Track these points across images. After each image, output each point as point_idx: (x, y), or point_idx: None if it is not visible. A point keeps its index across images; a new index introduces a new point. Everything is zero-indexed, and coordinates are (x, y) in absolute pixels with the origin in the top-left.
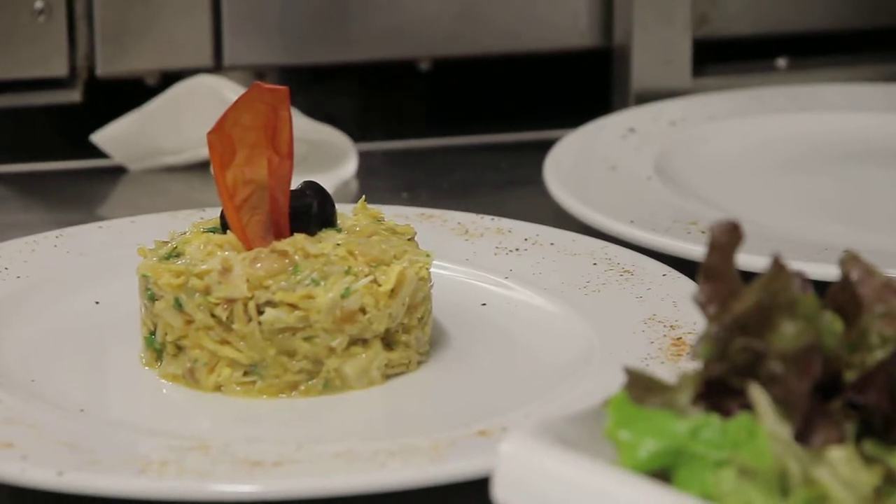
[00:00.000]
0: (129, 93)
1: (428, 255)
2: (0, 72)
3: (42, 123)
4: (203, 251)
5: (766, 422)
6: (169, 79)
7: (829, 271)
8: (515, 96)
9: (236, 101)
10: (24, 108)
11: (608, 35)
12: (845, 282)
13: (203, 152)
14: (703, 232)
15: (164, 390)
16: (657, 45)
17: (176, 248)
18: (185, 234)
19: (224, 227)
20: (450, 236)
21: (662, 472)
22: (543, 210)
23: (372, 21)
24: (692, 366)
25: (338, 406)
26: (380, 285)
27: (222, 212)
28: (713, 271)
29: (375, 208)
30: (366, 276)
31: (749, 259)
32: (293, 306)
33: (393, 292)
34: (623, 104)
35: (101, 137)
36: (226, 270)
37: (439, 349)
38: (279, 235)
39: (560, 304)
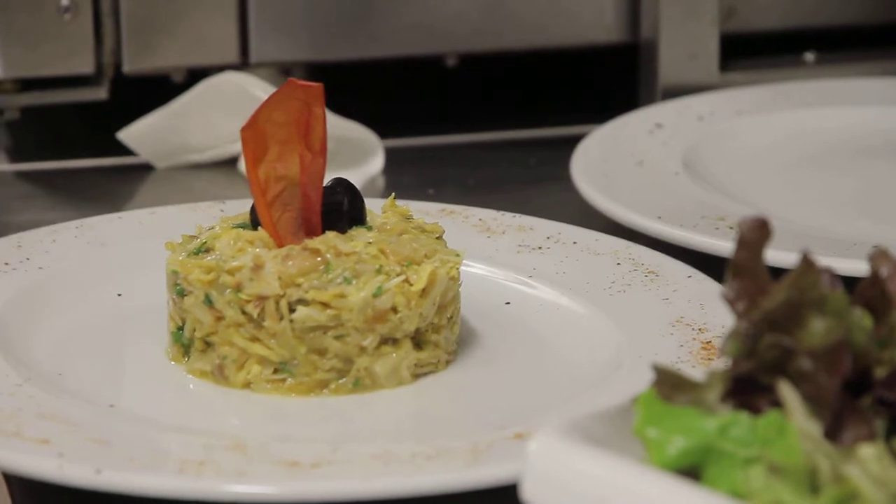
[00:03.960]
0: (156, 90)
1: (458, 255)
2: (26, 69)
3: (68, 121)
4: (233, 247)
5: (795, 419)
6: (195, 76)
7: (858, 267)
8: (542, 92)
9: (270, 97)
10: (51, 106)
11: (635, 30)
12: (875, 278)
13: (230, 149)
14: (731, 228)
15: (192, 386)
16: (684, 40)
17: (205, 243)
18: (213, 229)
19: (255, 223)
20: (472, 233)
21: (691, 470)
22: (570, 206)
23: (398, 17)
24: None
25: (368, 405)
26: (411, 284)
27: (253, 207)
28: (742, 268)
29: (403, 205)
30: (397, 275)
31: (778, 255)
32: (325, 305)
33: (424, 292)
34: (650, 99)
35: (128, 135)
36: (257, 267)
37: (466, 348)
38: (311, 233)
39: (586, 304)
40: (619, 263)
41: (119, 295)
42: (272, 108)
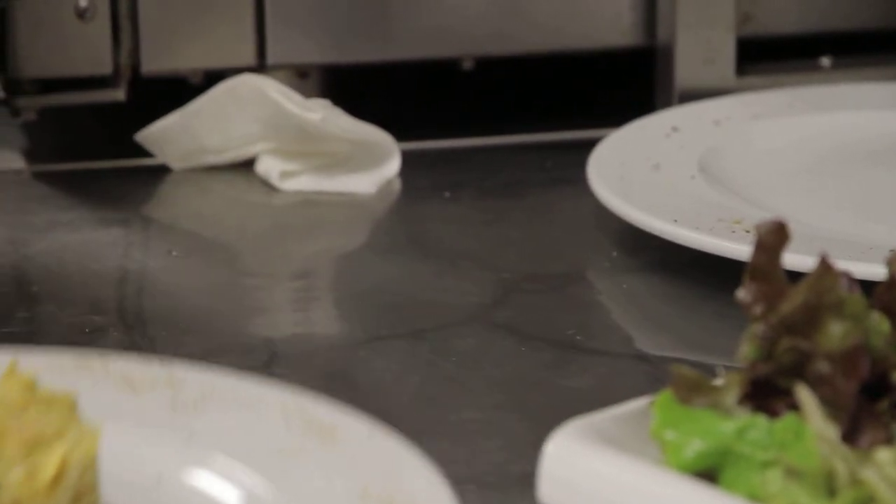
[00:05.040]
0: (173, 92)
1: (95, 431)
2: (44, 70)
3: (86, 122)
4: None
5: (813, 422)
6: (213, 78)
7: (875, 271)
8: (559, 95)
9: None
10: (68, 107)
11: (651, 34)
12: (892, 281)
13: (247, 151)
14: (747, 231)
15: None
16: (700, 44)
17: None
18: None
19: None
20: (114, 392)
21: (708, 473)
22: (586, 209)
23: (415, 20)
24: None
25: None
26: (37, 474)
27: None
28: (759, 271)
29: (28, 372)
30: (20, 463)
31: (795, 259)
32: None
33: (55, 481)
34: (666, 103)
35: (146, 136)
36: None
37: None
38: None
39: (255, 477)
40: (288, 420)
41: None
42: None
